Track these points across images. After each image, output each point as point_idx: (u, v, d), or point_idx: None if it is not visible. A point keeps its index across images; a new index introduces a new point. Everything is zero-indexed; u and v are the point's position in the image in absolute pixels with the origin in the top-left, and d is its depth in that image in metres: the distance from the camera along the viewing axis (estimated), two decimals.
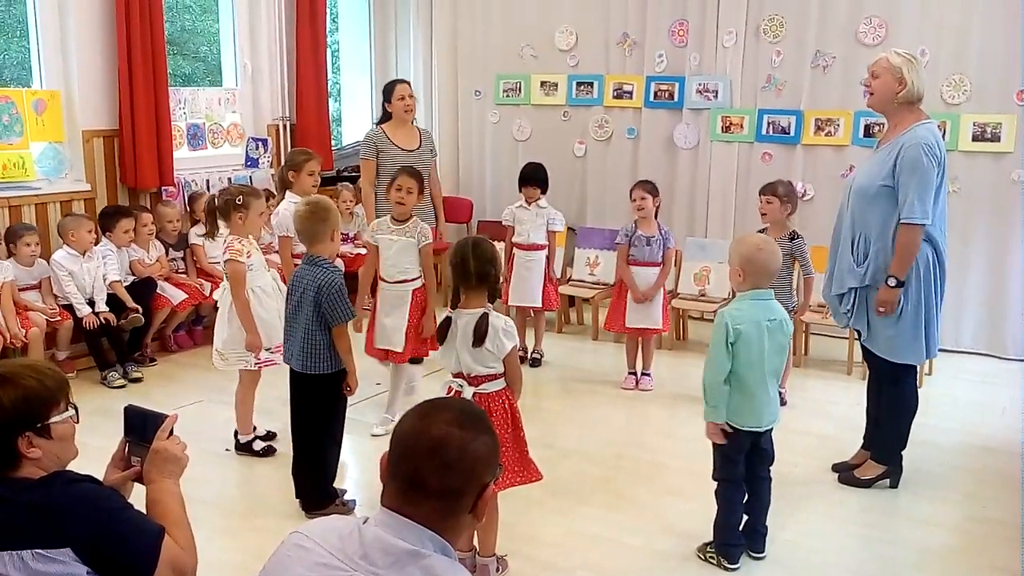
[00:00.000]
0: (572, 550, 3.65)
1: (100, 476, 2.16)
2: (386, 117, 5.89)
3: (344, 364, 3.81)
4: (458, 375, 3.33)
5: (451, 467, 1.66)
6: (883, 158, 3.96)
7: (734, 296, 3.55)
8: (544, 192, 6.04)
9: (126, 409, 2.30)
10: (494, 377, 3.30)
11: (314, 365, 3.78)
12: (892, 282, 3.90)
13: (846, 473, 4.29)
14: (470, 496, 1.69)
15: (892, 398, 4.17)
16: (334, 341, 3.77)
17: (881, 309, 3.95)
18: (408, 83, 5.99)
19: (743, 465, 3.49)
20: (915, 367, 4.19)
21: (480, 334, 3.22)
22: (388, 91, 5.88)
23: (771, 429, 3.50)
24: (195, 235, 6.32)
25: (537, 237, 5.98)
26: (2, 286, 5.23)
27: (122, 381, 5.55)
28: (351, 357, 3.83)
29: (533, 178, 6.02)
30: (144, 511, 2.13)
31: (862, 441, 4.38)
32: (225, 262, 4.39)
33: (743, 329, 3.33)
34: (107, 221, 5.79)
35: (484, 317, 3.23)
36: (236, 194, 4.44)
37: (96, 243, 5.66)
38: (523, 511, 3.81)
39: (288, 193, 5.18)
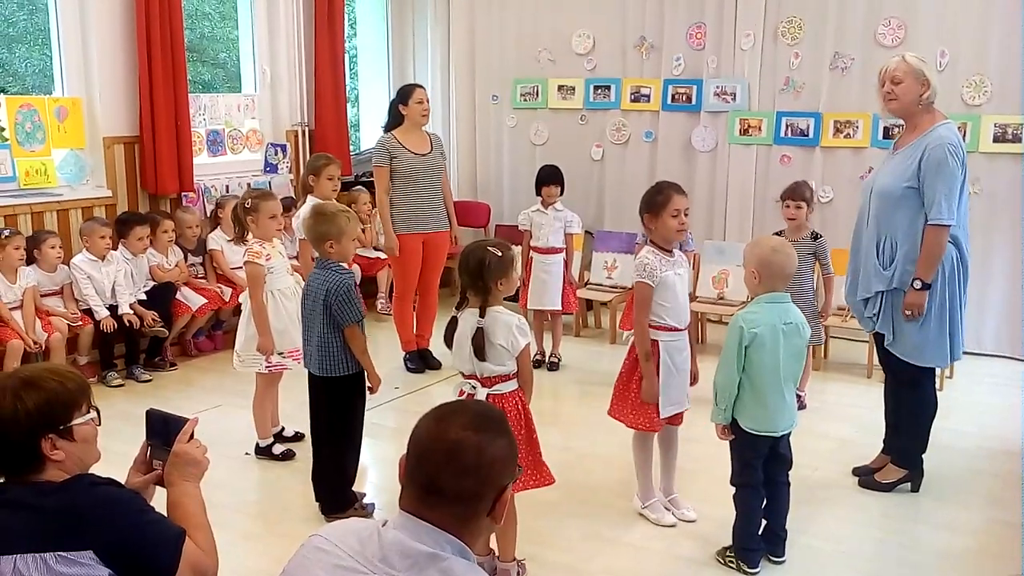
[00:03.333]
0: (592, 554, 3.65)
1: (122, 479, 2.18)
2: (396, 122, 5.83)
3: (362, 365, 3.82)
4: (471, 376, 3.31)
5: (468, 471, 1.66)
6: (905, 160, 3.94)
7: (751, 300, 3.53)
8: (562, 192, 6.05)
9: (148, 413, 2.32)
10: (507, 378, 3.28)
11: (330, 368, 3.80)
12: (918, 284, 3.87)
13: (867, 477, 4.26)
14: (488, 499, 1.69)
15: (912, 401, 4.14)
16: (347, 343, 3.78)
17: (908, 312, 3.92)
18: (424, 88, 6.00)
19: (762, 470, 3.48)
20: (934, 370, 4.16)
21: (477, 347, 3.21)
22: (406, 94, 5.82)
23: (789, 434, 3.48)
24: (214, 240, 6.36)
25: (555, 240, 6.00)
26: (26, 292, 5.30)
27: (120, 381, 5.64)
28: (367, 357, 3.83)
29: (552, 178, 6.04)
30: (165, 514, 2.14)
31: (882, 445, 4.35)
32: (244, 263, 4.44)
33: (759, 332, 3.31)
34: (121, 228, 5.85)
35: (479, 332, 3.20)
36: (245, 198, 4.48)
37: (115, 248, 5.72)
38: (542, 515, 3.80)
39: (310, 197, 5.24)
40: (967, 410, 5.21)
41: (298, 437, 4.68)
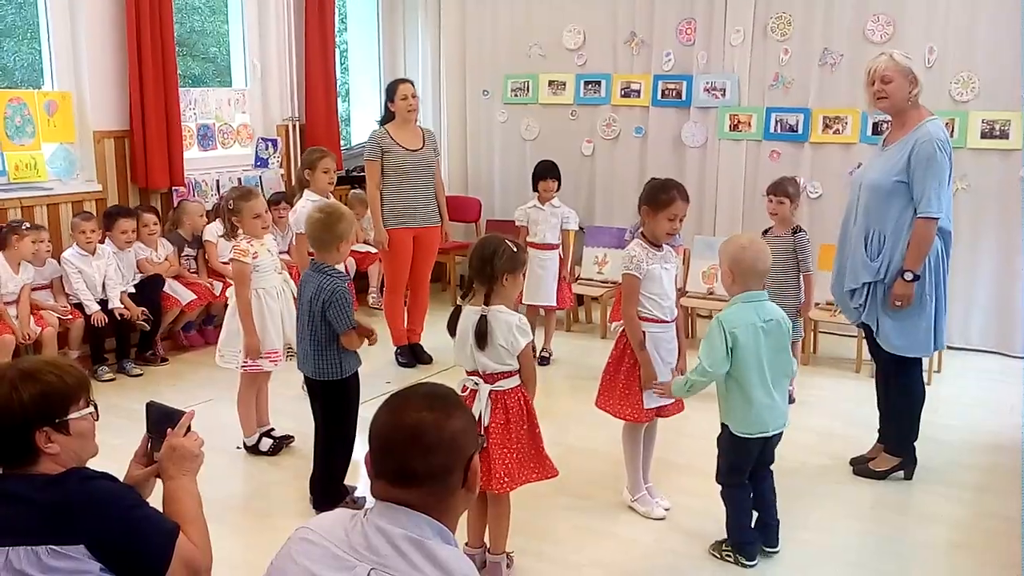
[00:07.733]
0: (582, 546, 3.67)
1: (111, 472, 2.17)
2: (389, 117, 5.85)
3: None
4: (473, 373, 3.30)
5: (433, 449, 1.71)
6: (894, 155, 4.00)
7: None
8: (559, 188, 6.06)
9: (148, 405, 2.33)
10: (510, 374, 3.27)
11: (325, 371, 3.81)
12: (908, 276, 3.93)
13: (861, 465, 4.31)
14: (459, 471, 1.75)
15: (900, 390, 4.21)
16: (344, 346, 3.77)
17: (898, 303, 3.98)
18: (411, 82, 5.95)
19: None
20: (920, 359, 4.22)
21: (480, 335, 3.20)
22: (391, 91, 5.84)
23: (780, 434, 3.47)
24: (210, 232, 6.32)
25: (551, 237, 6.02)
26: (23, 288, 5.29)
27: (111, 375, 5.64)
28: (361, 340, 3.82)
29: (549, 172, 6.05)
30: (161, 509, 2.15)
31: (877, 435, 4.39)
32: (230, 260, 4.42)
33: (738, 333, 3.30)
34: (106, 222, 5.84)
35: (483, 319, 3.20)
36: (227, 199, 4.46)
37: (102, 242, 5.71)
38: (533, 508, 3.82)
39: (306, 192, 5.21)
40: (954, 404, 5.25)
41: (287, 439, 4.59)
